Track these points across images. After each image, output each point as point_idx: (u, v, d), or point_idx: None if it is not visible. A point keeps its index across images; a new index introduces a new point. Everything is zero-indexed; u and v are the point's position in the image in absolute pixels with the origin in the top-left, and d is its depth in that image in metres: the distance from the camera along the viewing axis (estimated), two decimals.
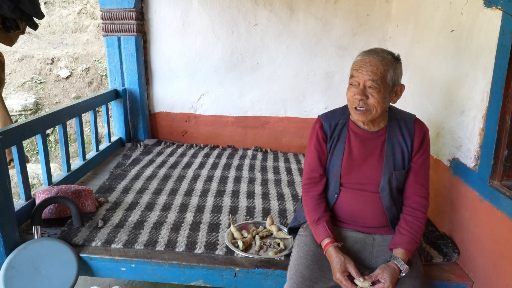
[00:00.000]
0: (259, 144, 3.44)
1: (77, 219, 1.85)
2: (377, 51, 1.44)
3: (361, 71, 1.40)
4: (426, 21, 2.31)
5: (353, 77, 1.43)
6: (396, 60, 1.44)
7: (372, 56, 1.41)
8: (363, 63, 1.41)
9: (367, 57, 1.42)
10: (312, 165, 1.58)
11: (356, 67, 1.44)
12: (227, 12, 3.15)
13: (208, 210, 2.13)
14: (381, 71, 1.39)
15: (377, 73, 1.38)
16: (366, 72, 1.39)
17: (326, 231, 1.46)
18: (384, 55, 1.42)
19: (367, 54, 1.44)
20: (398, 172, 1.48)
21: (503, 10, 1.47)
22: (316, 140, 1.57)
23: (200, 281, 1.72)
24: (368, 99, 1.40)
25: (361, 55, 1.46)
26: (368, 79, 1.39)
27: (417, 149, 1.49)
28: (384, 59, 1.41)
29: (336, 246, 1.42)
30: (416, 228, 1.45)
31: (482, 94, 1.63)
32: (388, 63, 1.41)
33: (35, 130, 2.11)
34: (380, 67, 1.39)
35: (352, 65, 1.48)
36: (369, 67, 1.39)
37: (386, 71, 1.40)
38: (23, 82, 5.75)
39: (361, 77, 1.40)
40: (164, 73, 3.35)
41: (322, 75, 3.26)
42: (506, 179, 1.52)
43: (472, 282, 1.65)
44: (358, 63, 1.44)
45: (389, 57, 1.42)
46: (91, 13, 7.19)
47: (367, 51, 1.45)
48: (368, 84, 1.39)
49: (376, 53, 1.43)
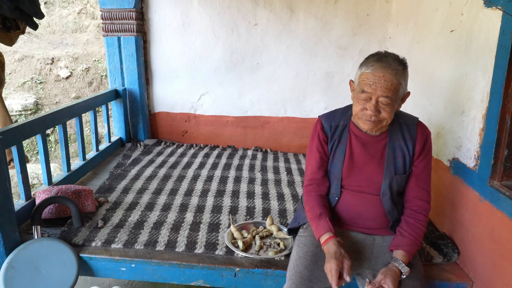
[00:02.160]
0: (259, 144, 3.44)
1: (77, 219, 1.85)
2: (388, 61, 1.34)
3: (374, 87, 1.32)
4: (426, 21, 2.31)
5: (365, 93, 1.35)
6: (404, 67, 1.38)
7: (386, 70, 1.32)
8: (376, 78, 1.32)
9: (380, 70, 1.33)
10: (314, 167, 1.56)
11: (367, 81, 1.34)
12: (227, 12, 3.15)
13: (208, 210, 2.13)
14: (395, 86, 1.32)
15: (391, 89, 1.32)
16: (380, 88, 1.32)
17: (328, 226, 1.43)
18: (396, 65, 1.34)
19: (380, 67, 1.33)
20: (399, 176, 1.47)
21: (503, 10, 1.47)
22: (318, 142, 1.55)
23: (200, 281, 1.72)
24: (380, 113, 1.36)
25: (372, 66, 1.35)
26: (382, 95, 1.32)
27: (418, 153, 1.47)
28: (397, 71, 1.33)
29: (338, 241, 1.38)
30: (417, 231, 1.44)
31: (482, 94, 1.63)
32: (400, 75, 1.34)
33: (35, 130, 2.11)
34: (394, 81, 1.32)
35: (361, 76, 1.38)
36: (383, 83, 1.31)
37: (399, 84, 1.34)
38: (23, 82, 5.75)
39: (374, 93, 1.33)
40: (164, 73, 3.35)
41: (322, 75, 3.26)
42: (506, 179, 1.52)
43: (472, 282, 1.65)
44: (369, 76, 1.34)
45: (400, 67, 1.35)
46: (91, 13, 7.19)
47: (378, 61, 1.35)
48: (382, 100, 1.33)
49: (389, 65, 1.33)
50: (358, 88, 1.39)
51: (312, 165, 1.58)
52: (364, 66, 1.38)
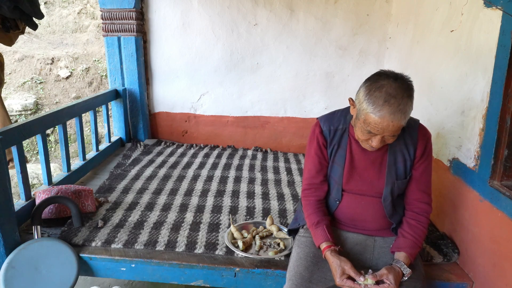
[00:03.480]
0: (259, 144, 3.44)
1: (77, 219, 1.85)
2: (398, 101, 1.22)
3: (381, 131, 1.27)
4: (426, 21, 2.31)
5: (370, 132, 1.30)
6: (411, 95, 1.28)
7: (395, 116, 1.22)
8: (384, 125, 1.24)
9: (388, 117, 1.22)
10: (312, 171, 1.54)
11: (374, 125, 1.26)
12: (227, 12, 3.15)
13: (208, 210, 2.13)
14: (402, 126, 1.27)
15: (398, 130, 1.28)
16: (388, 132, 1.27)
17: (325, 235, 1.43)
18: (404, 103, 1.23)
19: (389, 113, 1.22)
20: (400, 181, 1.46)
21: (503, 10, 1.47)
22: (317, 146, 1.52)
23: (200, 281, 1.72)
24: (385, 142, 1.34)
25: (380, 112, 1.23)
26: (389, 136, 1.29)
27: (419, 157, 1.45)
28: (406, 112, 1.24)
29: (333, 250, 1.39)
30: (419, 233, 1.43)
31: (482, 94, 1.63)
32: (408, 111, 1.26)
33: (35, 130, 2.11)
34: (402, 123, 1.25)
35: (367, 116, 1.26)
36: (391, 128, 1.25)
37: (405, 122, 1.28)
38: (23, 82, 5.74)
39: (381, 133, 1.28)
40: (164, 73, 3.35)
41: (322, 75, 3.26)
42: (506, 179, 1.52)
43: (472, 282, 1.65)
44: (377, 122, 1.24)
45: (409, 102, 1.25)
46: (91, 13, 7.19)
47: (387, 104, 1.22)
48: (388, 137, 1.31)
49: (398, 109, 1.22)
50: (363, 123, 1.30)
51: (310, 169, 1.55)
52: (371, 106, 1.24)
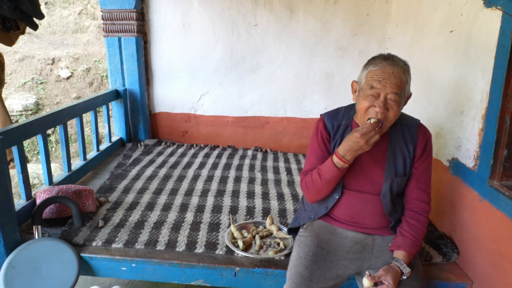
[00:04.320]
0: (259, 144, 3.44)
1: (77, 219, 1.86)
2: (395, 59, 1.36)
3: (384, 83, 1.32)
4: (425, 22, 2.31)
5: (373, 88, 1.34)
6: (409, 68, 1.40)
7: (394, 67, 1.33)
8: (386, 74, 1.32)
9: (389, 67, 1.33)
10: (314, 164, 1.54)
11: (377, 78, 1.34)
12: (227, 12, 3.16)
13: (208, 210, 2.13)
14: (403, 83, 1.33)
15: (400, 86, 1.32)
16: (390, 84, 1.32)
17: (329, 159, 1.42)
18: (402, 64, 1.36)
19: (389, 64, 1.34)
20: (399, 178, 1.47)
21: (503, 10, 1.47)
22: (320, 140, 1.54)
23: (200, 280, 1.72)
24: (388, 112, 1.35)
25: (380, 64, 1.36)
26: (392, 92, 1.32)
27: (419, 156, 1.47)
28: (404, 69, 1.35)
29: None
30: (418, 232, 1.44)
31: (481, 94, 1.64)
32: (407, 73, 1.36)
33: (36, 130, 2.12)
34: (402, 78, 1.33)
35: (368, 73, 1.38)
36: (393, 79, 1.31)
37: (406, 82, 1.35)
38: (24, 83, 5.75)
39: (384, 89, 1.32)
40: (164, 74, 3.36)
41: (322, 76, 3.26)
42: (506, 179, 1.52)
43: (472, 281, 1.65)
44: (379, 72, 1.34)
45: (406, 67, 1.37)
46: (91, 14, 7.20)
47: (386, 60, 1.36)
48: (390, 97, 1.33)
49: (397, 63, 1.35)
50: (365, 86, 1.38)
51: (312, 162, 1.56)
52: (371, 65, 1.39)
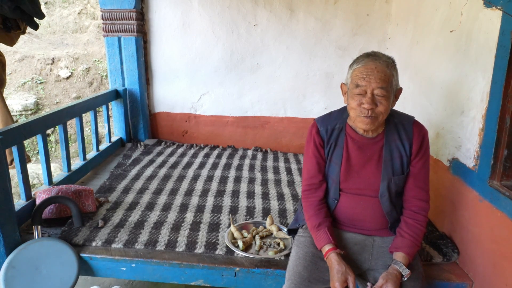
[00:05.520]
0: (259, 144, 3.44)
1: (77, 219, 1.85)
2: (378, 55, 1.38)
3: (368, 79, 1.33)
4: (425, 22, 2.31)
5: (359, 87, 1.35)
6: (394, 62, 1.40)
7: (377, 62, 1.34)
8: (369, 70, 1.34)
9: (372, 63, 1.35)
10: (311, 172, 1.55)
11: (360, 75, 1.35)
12: (227, 12, 3.16)
13: (208, 210, 2.13)
14: (388, 77, 1.34)
15: (385, 80, 1.33)
16: (374, 79, 1.32)
17: (328, 237, 1.43)
18: (385, 58, 1.37)
19: (371, 60, 1.36)
20: (397, 177, 1.46)
21: (503, 10, 1.47)
22: (314, 146, 1.54)
23: (200, 280, 1.72)
24: (377, 107, 1.35)
25: (363, 61, 1.37)
26: (377, 87, 1.32)
27: (416, 153, 1.45)
28: (388, 63, 1.36)
29: (338, 254, 1.39)
30: (417, 231, 1.43)
31: (481, 94, 1.64)
32: (391, 67, 1.37)
33: (36, 130, 2.11)
34: (386, 72, 1.33)
35: (353, 72, 1.39)
36: (376, 74, 1.32)
37: (392, 75, 1.36)
38: (24, 82, 5.75)
39: (369, 85, 1.33)
40: (164, 73, 3.35)
41: (322, 75, 3.26)
42: (506, 179, 1.52)
43: (472, 282, 1.65)
44: (362, 70, 1.35)
45: (390, 61, 1.38)
46: (91, 14, 7.20)
47: (368, 56, 1.38)
48: (377, 92, 1.33)
49: (379, 58, 1.36)
50: (352, 85, 1.39)
51: (309, 170, 1.56)
52: (355, 64, 1.41)
